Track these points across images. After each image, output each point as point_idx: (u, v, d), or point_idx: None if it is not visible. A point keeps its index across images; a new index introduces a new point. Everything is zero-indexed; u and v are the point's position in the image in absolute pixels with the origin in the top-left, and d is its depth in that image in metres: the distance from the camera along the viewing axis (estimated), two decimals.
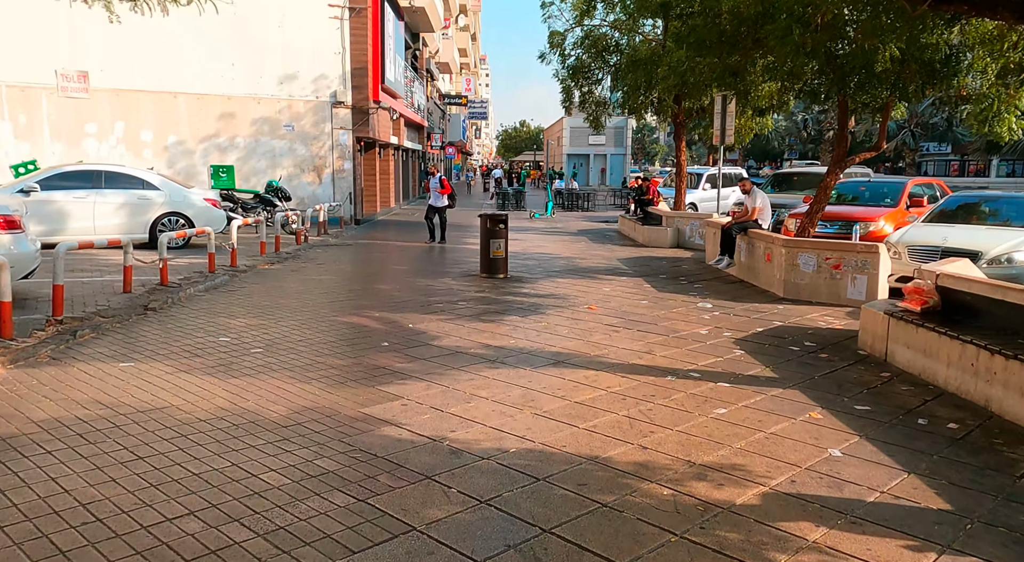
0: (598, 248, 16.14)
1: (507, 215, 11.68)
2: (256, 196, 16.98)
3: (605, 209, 31.17)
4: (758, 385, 5.77)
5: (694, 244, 16.10)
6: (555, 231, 20.42)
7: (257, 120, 19.71)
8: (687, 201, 20.50)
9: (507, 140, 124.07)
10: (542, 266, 12.89)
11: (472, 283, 10.80)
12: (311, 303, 8.95)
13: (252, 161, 19.83)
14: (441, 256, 14.32)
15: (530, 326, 7.86)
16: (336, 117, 20.52)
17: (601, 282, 11.09)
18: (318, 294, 9.60)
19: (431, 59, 39.37)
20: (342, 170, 20.81)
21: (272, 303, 8.87)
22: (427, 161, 41.72)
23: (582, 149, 56.67)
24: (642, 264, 13.36)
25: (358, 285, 10.51)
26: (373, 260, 13.60)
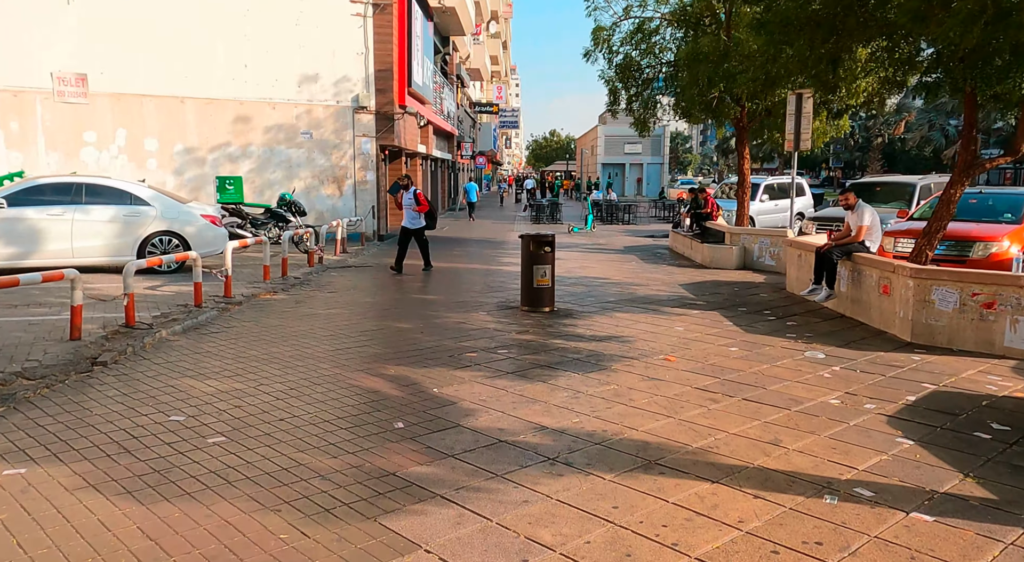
0: (652, 270, 14.05)
1: (553, 237, 9.66)
2: (267, 211, 15.24)
3: (647, 222, 29.04)
4: (976, 516, 3.68)
5: (764, 265, 13.94)
6: (599, 248, 18.37)
7: (272, 127, 18.03)
8: None
9: (537, 150, 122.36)
10: (593, 294, 10.86)
11: (512, 320, 8.81)
12: (310, 352, 7.03)
13: (267, 172, 18.14)
14: (473, 281, 12.37)
15: (595, 390, 5.84)
16: (358, 124, 18.77)
17: (670, 318, 9.03)
18: (322, 338, 7.68)
19: (461, 65, 37.70)
20: (364, 181, 19.03)
21: (260, 353, 6.98)
22: (457, 171, 39.94)
23: (617, 158, 54.59)
24: (710, 291, 11.26)
25: (373, 323, 8.59)
26: (394, 287, 11.70)
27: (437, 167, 32.68)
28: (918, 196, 14.74)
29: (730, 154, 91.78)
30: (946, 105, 44.62)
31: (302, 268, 13.01)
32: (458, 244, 19.36)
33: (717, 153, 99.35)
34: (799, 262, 10.83)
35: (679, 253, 16.96)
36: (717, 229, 15.59)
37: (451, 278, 12.67)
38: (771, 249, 13.89)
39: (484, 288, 11.44)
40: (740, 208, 16.27)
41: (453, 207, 37.00)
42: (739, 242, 14.46)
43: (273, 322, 8.42)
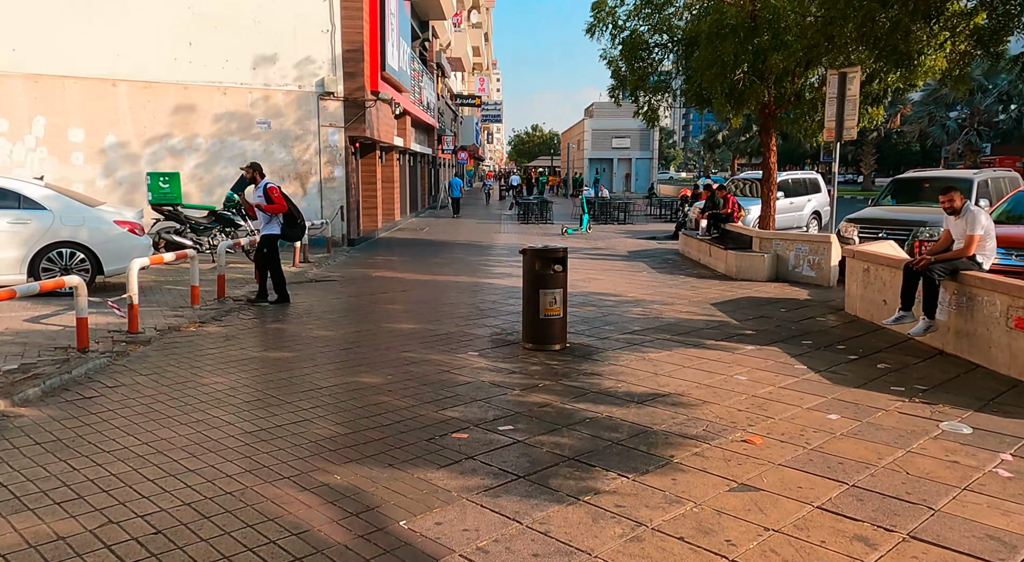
0: (671, 282, 11.85)
1: (565, 251, 7.41)
2: (212, 214, 12.83)
3: (644, 221, 26.89)
4: None
5: (802, 276, 11.79)
6: (601, 253, 16.15)
7: (223, 116, 15.59)
8: (755, 215, 16.22)
9: (520, 145, 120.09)
10: (610, 319, 8.63)
11: (513, 364, 6.55)
12: (216, 438, 4.72)
13: (217, 167, 15.70)
14: (459, 302, 10.08)
15: (663, 518, 3.59)
16: (324, 112, 16.37)
17: (720, 357, 6.81)
18: (242, 407, 5.36)
19: (442, 52, 35.30)
20: (332, 178, 16.65)
21: (138, 442, 4.64)
22: (438, 167, 37.56)
23: (605, 153, 52.47)
24: (752, 313, 9.07)
25: (324, 375, 6.28)
26: (360, 311, 9.38)
27: (416, 162, 30.30)
28: (976, 194, 12.66)
29: (716, 149, 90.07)
30: (946, 97, 42.97)
31: (248, 285, 10.65)
32: (440, 249, 17.05)
33: (703, 148, 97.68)
34: (866, 278, 8.66)
35: (693, 260, 14.78)
36: (741, 233, 13.42)
37: (432, 296, 10.37)
38: (811, 257, 11.74)
39: (473, 311, 9.15)
40: (765, 208, 14.12)
41: (434, 205, 34.64)
42: (771, 248, 12.30)
43: (181, 375, 6.08)
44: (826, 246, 11.55)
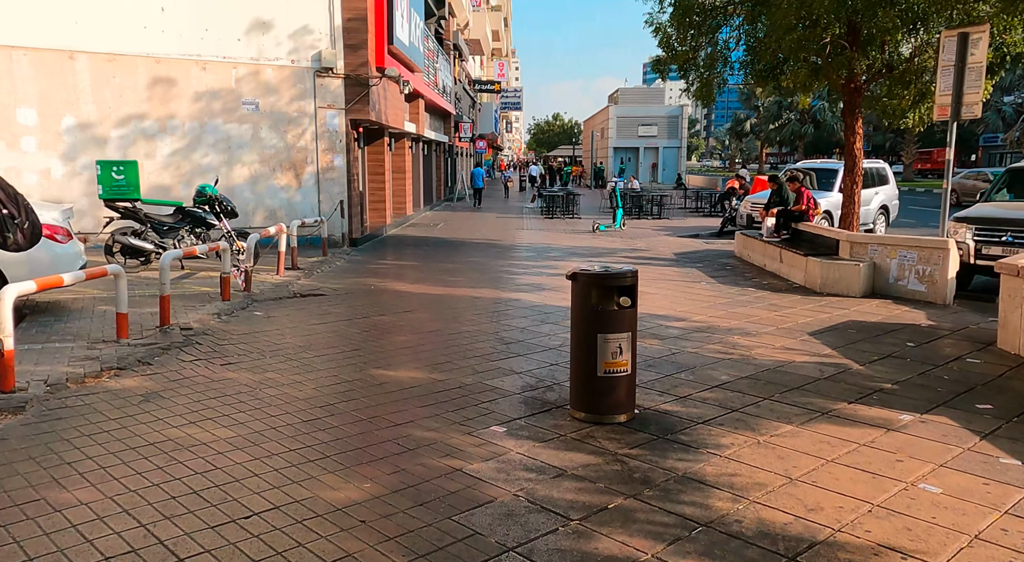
0: (741, 297, 9.48)
1: (634, 276, 5.06)
2: (178, 211, 10.62)
3: (679, 215, 24.41)
4: None
5: (908, 291, 9.38)
6: (643, 256, 13.78)
7: (204, 94, 13.39)
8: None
9: (539, 134, 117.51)
10: (682, 359, 6.30)
11: (561, 456, 4.25)
12: None
13: (197, 155, 13.51)
14: (477, 330, 7.79)
15: None
16: (322, 91, 14.12)
17: (873, 438, 4.47)
18: None
19: (459, 33, 32.91)
20: (331, 168, 14.41)
21: None
22: (455, 156, 35.26)
23: (631, 141, 49.85)
24: (872, 348, 6.69)
25: (265, 483, 4.03)
26: (346, 346, 7.12)
27: (431, 151, 28.02)
28: None
29: (744, 137, 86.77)
30: (1002, 81, 39.85)
31: (211, 303, 8.43)
32: (455, 250, 14.77)
33: (729, 137, 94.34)
34: None
35: (757, 265, 12.36)
36: (823, 235, 10.98)
37: (443, 321, 8.08)
38: (920, 267, 9.31)
39: (495, 346, 6.86)
40: (848, 205, 11.66)
41: (450, 197, 32.36)
42: (866, 256, 9.87)
43: (42, 483, 3.85)
44: (941, 254, 9.11)
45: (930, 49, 11.55)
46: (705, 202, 26.78)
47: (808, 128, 68.47)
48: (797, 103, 66.19)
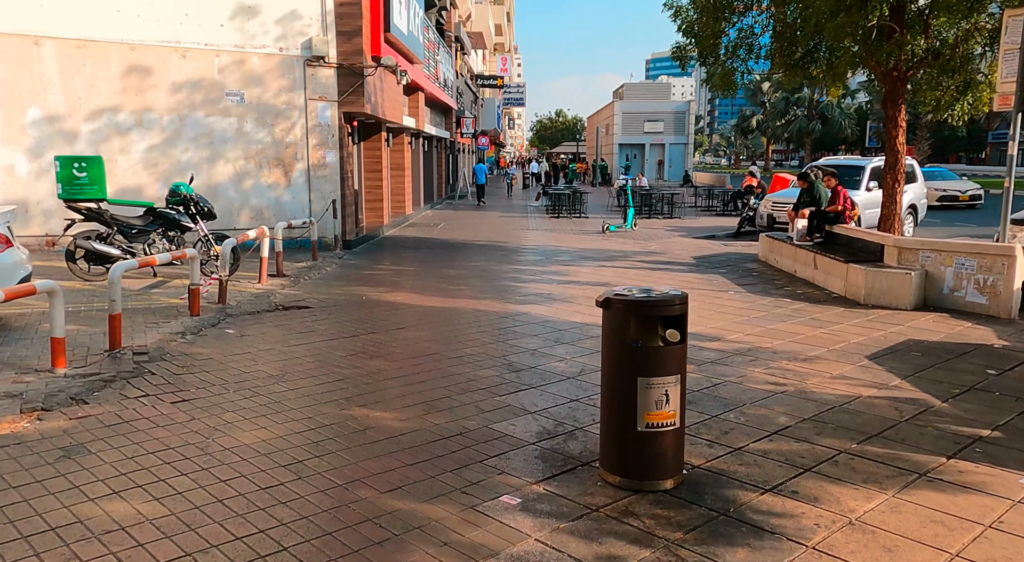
0: (777, 310, 8.42)
1: (684, 303, 4.00)
2: (150, 212, 9.57)
3: (690, 214, 23.31)
4: None
5: (966, 304, 8.32)
6: (659, 260, 12.72)
7: (184, 84, 12.35)
8: None
9: (542, 131, 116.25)
10: (727, 394, 5.25)
11: (593, 545, 3.20)
12: None
13: (176, 150, 12.47)
14: (480, 352, 6.75)
15: None
16: (313, 81, 13.08)
17: (1002, 517, 3.42)
18: None
19: (461, 25, 31.82)
20: (323, 165, 13.37)
21: None
22: (456, 152, 34.19)
23: (636, 138, 48.68)
24: (948, 377, 5.64)
25: None
26: (326, 374, 6.07)
27: (431, 147, 26.96)
28: None
29: (749, 134, 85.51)
30: None
31: (178, 318, 7.39)
32: (457, 253, 13.72)
33: (735, 133, 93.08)
34: None
35: (787, 271, 11.29)
36: (863, 239, 9.91)
37: (441, 341, 7.03)
38: (980, 277, 8.25)
39: (503, 374, 5.81)
40: (890, 206, 10.60)
41: (452, 195, 31.30)
42: (916, 263, 8.81)
43: None
44: (1006, 261, 8.05)
45: (977, 34, 10.49)
46: (717, 200, 25.69)
47: (816, 124, 67.32)
48: (805, 99, 65.12)
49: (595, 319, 7.93)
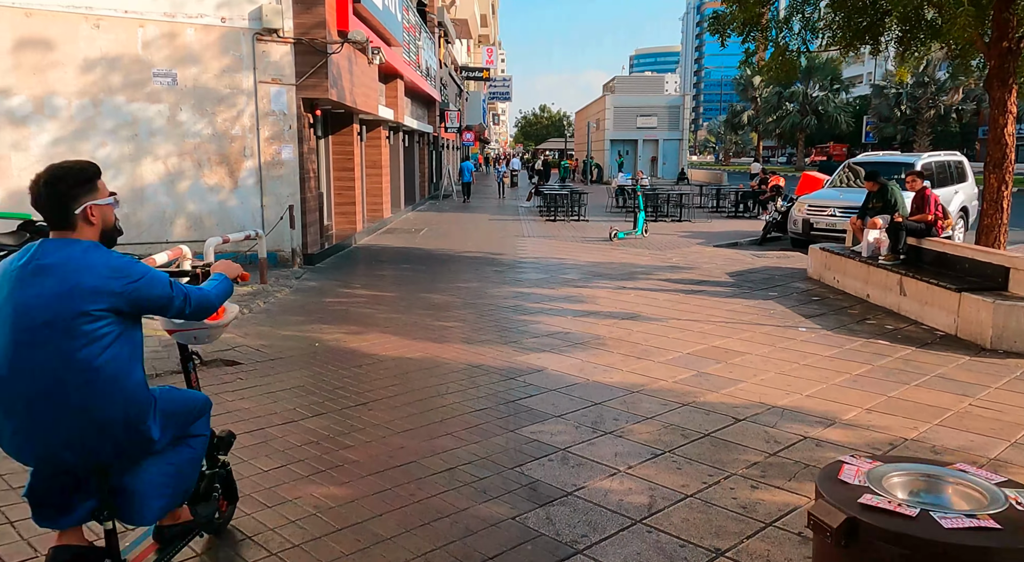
0: (880, 361, 6.13)
1: None
2: (25, 227, 7.10)
3: (703, 217, 21.05)
4: None
5: None
6: (689, 278, 10.42)
7: (97, 61, 9.86)
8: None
9: (527, 127, 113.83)
10: None
11: None
12: None
13: (88, 145, 9.98)
14: (483, 446, 4.38)
15: None
16: (264, 60, 10.66)
17: None
18: None
19: (445, 10, 29.36)
20: (277, 162, 10.94)
21: None
22: (440, 148, 31.73)
23: (628, 133, 46.45)
24: None
25: None
26: (240, 499, 3.68)
27: (413, 142, 24.51)
28: None
29: (739, 130, 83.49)
30: None
31: None
32: (442, 269, 11.35)
33: (725, 129, 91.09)
34: None
35: (850, 293, 9.02)
36: (970, 257, 7.65)
37: (421, 434, 4.67)
38: None
39: (521, 514, 3.46)
40: (994, 213, 8.36)
41: (435, 194, 28.88)
42: None
43: None
44: None
45: None
46: (726, 201, 23.48)
47: (810, 120, 65.36)
48: (799, 94, 63.21)
49: (637, 378, 5.61)
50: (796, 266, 11.67)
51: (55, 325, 2.21)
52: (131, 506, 2.44)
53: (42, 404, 2.23)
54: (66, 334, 2.21)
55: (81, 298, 2.23)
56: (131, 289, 2.31)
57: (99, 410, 2.27)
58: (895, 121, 51.57)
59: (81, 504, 2.42)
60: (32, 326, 2.22)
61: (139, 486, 2.44)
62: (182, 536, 2.77)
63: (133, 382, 2.35)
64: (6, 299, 2.27)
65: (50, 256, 2.28)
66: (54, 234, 2.34)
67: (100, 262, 2.29)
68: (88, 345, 2.23)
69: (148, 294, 2.37)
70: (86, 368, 2.23)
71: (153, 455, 2.49)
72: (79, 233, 2.33)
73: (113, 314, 2.29)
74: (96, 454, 2.31)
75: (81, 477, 2.39)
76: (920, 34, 8.81)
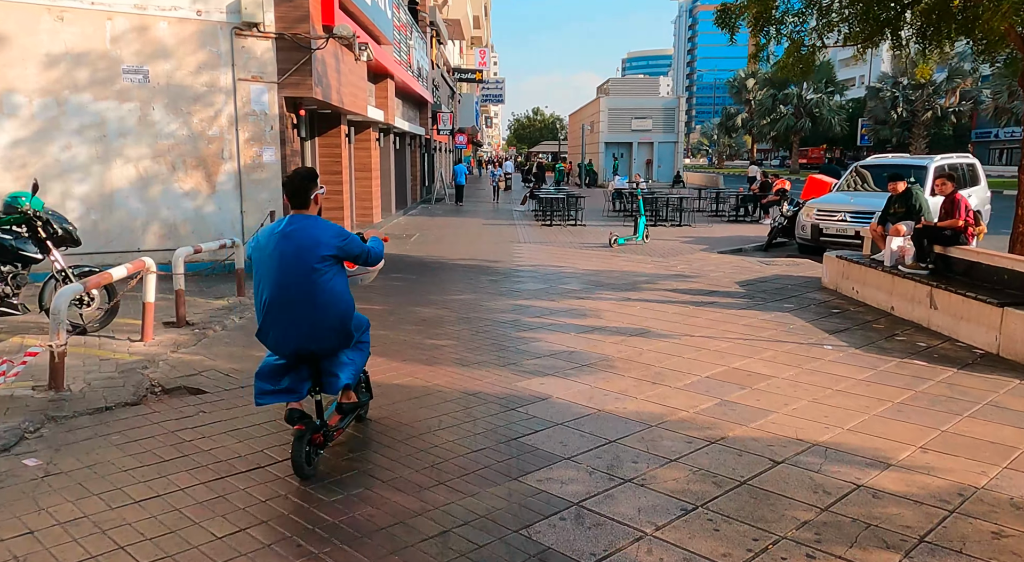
0: (923, 386, 5.49)
1: None
2: None
3: (703, 221, 20.44)
4: None
5: None
6: (696, 288, 9.78)
7: (62, 57, 9.16)
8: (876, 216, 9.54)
9: (520, 130, 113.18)
10: None
11: None
12: None
13: (52, 147, 9.28)
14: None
15: None
16: (244, 56, 9.99)
17: None
18: None
19: (437, 9, 28.72)
20: (258, 165, 10.27)
21: None
22: (433, 151, 31.06)
23: (623, 136, 45.89)
24: None
25: None
26: None
27: (404, 144, 23.85)
28: None
29: (733, 133, 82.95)
30: None
31: None
32: (435, 278, 10.67)
33: (718, 132, 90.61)
34: None
35: (871, 304, 8.40)
36: (1004, 267, 7.04)
37: (405, 474, 4.00)
38: None
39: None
40: None
41: (428, 198, 28.20)
42: None
43: None
44: None
45: None
46: (725, 205, 22.90)
47: (804, 122, 64.87)
48: (793, 96, 62.84)
49: (654, 407, 4.84)
50: (808, 274, 11.07)
51: (303, 265, 3.69)
52: (331, 383, 3.94)
53: (297, 314, 3.72)
54: (310, 270, 3.70)
55: (317, 249, 3.71)
56: (344, 245, 3.83)
57: (328, 316, 3.78)
58: (891, 124, 51.14)
59: (303, 386, 3.92)
60: (290, 266, 3.69)
61: (337, 370, 3.96)
62: (351, 411, 4.25)
63: (344, 300, 3.88)
64: (273, 250, 3.73)
65: (297, 223, 3.77)
66: (295, 211, 3.82)
67: (326, 228, 3.79)
68: (322, 276, 3.73)
69: (351, 248, 3.88)
70: (320, 290, 3.72)
71: (346, 349, 4.03)
72: (310, 210, 3.84)
73: (333, 259, 3.79)
74: (326, 343, 3.84)
75: (308, 366, 3.90)
76: (944, 27, 8.22)
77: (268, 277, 3.74)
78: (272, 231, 3.81)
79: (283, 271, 3.71)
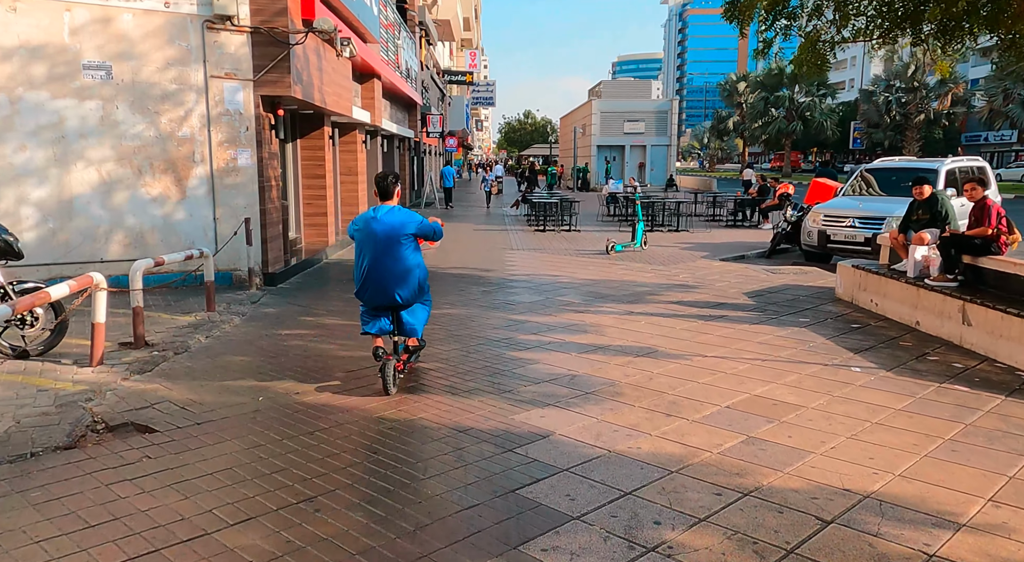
0: (970, 417, 4.86)
1: None
2: None
3: (701, 226, 19.82)
4: None
5: None
6: (702, 300, 9.12)
7: (15, 50, 8.42)
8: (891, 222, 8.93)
9: (510, 133, 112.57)
10: None
11: None
12: None
13: (6, 148, 8.53)
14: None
15: None
16: (217, 52, 9.28)
17: None
18: None
19: (426, 9, 28.03)
20: (233, 168, 9.55)
21: None
22: (422, 154, 30.34)
23: (615, 139, 45.32)
24: None
25: None
26: None
27: (392, 147, 23.14)
28: None
29: (725, 136, 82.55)
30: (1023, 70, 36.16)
31: None
32: None
33: (709, 135, 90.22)
34: None
35: (896, 320, 7.78)
36: None
37: (391, 513, 3.30)
38: None
39: None
40: None
41: (417, 202, 27.50)
42: None
43: None
44: None
45: None
46: (722, 209, 22.31)
47: (796, 125, 64.53)
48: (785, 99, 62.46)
49: (672, 447, 4.03)
50: (819, 284, 10.45)
51: (392, 241, 5.23)
52: (407, 328, 5.54)
53: (388, 274, 5.27)
54: (397, 244, 5.24)
55: (403, 228, 5.25)
56: (421, 227, 5.33)
57: (412, 276, 5.32)
58: (884, 127, 50.81)
59: (387, 326, 5.49)
60: (382, 241, 5.23)
61: (411, 318, 5.54)
62: (417, 351, 5.77)
63: (421, 266, 5.41)
64: (371, 230, 5.25)
65: (383, 210, 5.31)
66: (381, 202, 5.39)
67: (407, 214, 5.35)
68: (405, 248, 5.28)
69: (425, 228, 5.37)
70: (406, 258, 5.28)
71: (418, 302, 5.54)
72: (392, 201, 5.40)
73: (413, 237, 5.31)
74: (409, 295, 5.37)
75: (391, 312, 5.48)
76: (970, 21, 7.63)
77: (367, 249, 5.23)
78: (367, 217, 5.32)
79: (377, 245, 5.23)
